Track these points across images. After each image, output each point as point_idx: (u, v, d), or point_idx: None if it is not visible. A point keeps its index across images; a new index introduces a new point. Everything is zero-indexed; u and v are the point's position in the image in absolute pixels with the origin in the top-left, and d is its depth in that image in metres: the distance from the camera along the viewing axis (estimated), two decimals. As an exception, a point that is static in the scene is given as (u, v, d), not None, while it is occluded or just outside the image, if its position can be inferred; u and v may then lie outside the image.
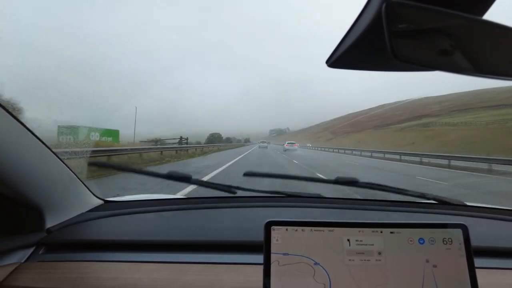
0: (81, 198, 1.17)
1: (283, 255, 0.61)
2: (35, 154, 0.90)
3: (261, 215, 1.22)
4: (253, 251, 0.89)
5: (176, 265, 0.86)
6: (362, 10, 0.42)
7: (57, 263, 0.88)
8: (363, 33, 0.43)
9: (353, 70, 0.55)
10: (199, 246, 0.97)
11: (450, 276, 0.60)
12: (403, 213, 1.27)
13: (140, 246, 0.97)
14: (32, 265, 0.87)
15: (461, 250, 0.62)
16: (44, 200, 0.94)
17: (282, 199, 1.38)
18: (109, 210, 1.22)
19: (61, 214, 1.05)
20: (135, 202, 1.40)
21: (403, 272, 0.61)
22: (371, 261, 0.61)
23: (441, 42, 0.42)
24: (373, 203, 1.33)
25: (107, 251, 0.94)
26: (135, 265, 0.86)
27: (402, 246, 0.62)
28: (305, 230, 0.63)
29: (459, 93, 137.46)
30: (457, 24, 0.41)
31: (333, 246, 0.62)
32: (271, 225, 0.63)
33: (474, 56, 0.43)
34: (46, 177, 0.94)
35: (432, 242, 0.62)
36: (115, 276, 0.82)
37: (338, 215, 1.25)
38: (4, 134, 0.77)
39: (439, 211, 1.26)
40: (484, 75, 0.43)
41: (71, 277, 0.82)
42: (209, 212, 1.28)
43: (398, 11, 0.38)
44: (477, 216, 1.23)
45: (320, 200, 1.36)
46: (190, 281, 0.80)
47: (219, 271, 0.83)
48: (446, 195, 1.30)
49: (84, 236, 1.03)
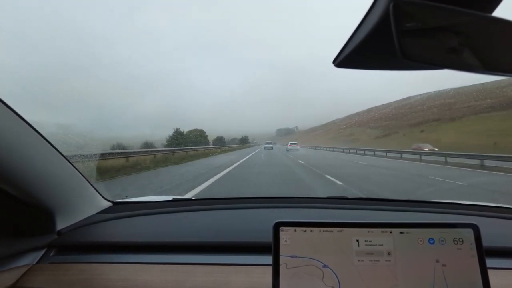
0: (91, 201, 1.19)
1: (291, 258, 0.61)
2: (46, 157, 0.91)
3: (269, 216, 1.22)
4: (261, 252, 0.89)
5: (185, 266, 0.86)
6: (369, 9, 0.42)
7: (68, 264, 0.90)
8: (370, 32, 0.43)
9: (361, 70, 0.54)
10: (208, 247, 0.97)
11: (462, 277, 0.59)
12: (412, 213, 1.26)
13: (149, 248, 0.98)
14: (43, 267, 0.89)
15: (473, 250, 0.61)
16: (55, 202, 0.96)
17: (289, 200, 1.38)
18: (118, 212, 1.23)
19: (71, 217, 1.06)
20: (144, 203, 1.41)
21: (413, 273, 0.60)
22: (380, 261, 0.61)
23: (449, 40, 0.42)
24: (381, 203, 1.32)
25: (117, 253, 0.95)
26: (144, 267, 0.87)
27: (412, 246, 0.61)
28: (314, 230, 0.62)
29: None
30: (466, 22, 0.41)
31: (342, 247, 0.62)
32: (280, 226, 0.63)
33: (484, 53, 0.42)
34: (56, 180, 0.96)
35: (442, 242, 0.61)
36: (124, 277, 0.83)
37: (347, 216, 1.24)
38: (16, 138, 0.78)
39: (449, 211, 1.25)
40: (494, 72, 0.43)
41: (82, 278, 0.84)
42: (218, 213, 1.28)
43: (406, 9, 0.38)
44: (489, 215, 1.21)
45: (328, 201, 1.36)
46: (199, 282, 0.80)
47: (227, 272, 0.84)
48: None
49: (94, 238, 1.04)
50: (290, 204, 1.36)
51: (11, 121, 0.77)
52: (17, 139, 0.78)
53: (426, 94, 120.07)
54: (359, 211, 1.27)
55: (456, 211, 1.24)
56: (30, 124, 0.82)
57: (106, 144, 19.04)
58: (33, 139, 0.85)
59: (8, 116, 0.76)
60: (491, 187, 7.74)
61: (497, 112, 62.75)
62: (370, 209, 1.27)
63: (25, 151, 0.81)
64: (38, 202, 0.90)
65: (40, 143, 0.88)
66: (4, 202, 0.87)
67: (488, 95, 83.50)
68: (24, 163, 0.81)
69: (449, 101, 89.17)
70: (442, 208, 1.27)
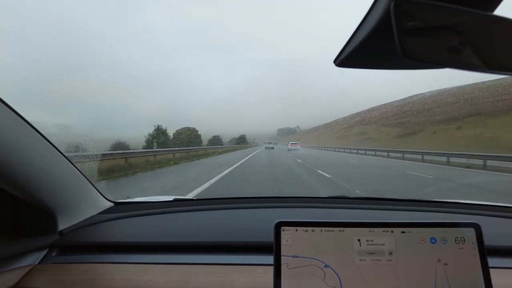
0: (92, 201, 1.19)
1: (293, 258, 0.61)
2: (48, 158, 0.91)
3: (270, 215, 1.22)
4: (263, 252, 0.89)
5: (187, 267, 0.87)
6: (370, 8, 0.42)
7: (70, 265, 0.90)
8: (371, 31, 0.42)
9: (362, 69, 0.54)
10: (210, 247, 0.97)
11: (463, 276, 0.59)
12: (413, 212, 1.26)
13: (151, 248, 0.98)
14: (45, 267, 0.89)
15: (474, 249, 0.61)
16: (56, 203, 0.96)
17: (290, 200, 1.38)
18: (120, 212, 1.23)
19: (73, 217, 1.06)
20: (145, 203, 1.41)
21: (415, 272, 0.60)
22: (382, 261, 0.61)
23: (450, 39, 0.42)
24: (383, 202, 1.32)
25: (119, 253, 0.95)
26: (146, 267, 0.87)
27: (413, 246, 0.61)
28: (315, 230, 0.62)
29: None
30: (467, 21, 0.41)
31: (344, 247, 0.61)
32: (281, 226, 0.62)
33: (485, 52, 0.42)
34: (58, 180, 0.96)
35: (444, 242, 0.61)
36: (127, 277, 0.83)
37: (348, 215, 1.24)
38: (17, 139, 0.78)
39: (450, 210, 1.24)
40: (495, 71, 0.43)
41: (84, 278, 0.84)
42: (219, 213, 1.28)
43: (407, 9, 0.38)
44: (490, 214, 1.20)
45: (329, 200, 1.35)
46: (201, 282, 0.80)
47: (229, 272, 0.84)
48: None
49: (95, 238, 1.05)
50: (291, 204, 1.36)
51: (12, 121, 0.77)
52: (18, 140, 0.79)
53: (454, 87, 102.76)
54: (360, 211, 1.27)
55: (458, 210, 1.24)
56: (31, 124, 0.82)
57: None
58: (35, 140, 0.85)
59: (9, 116, 0.76)
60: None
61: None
62: (371, 209, 1.27)
63: (26, 152, 0.81)
64: (40, 202, 0.90)
65: (42, 143, 0.88)
66: (6, 202, 0.88)
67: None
68: (26, 164, 0.81)
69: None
70: (443, 208, 1.26)
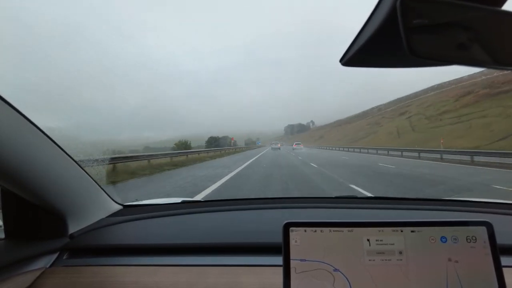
0: (101, 204, 1.20)
1: (301, 261, 0.60)
2: (58, 163, 0.93)
3: (278, 216, 1.22)
4: (272, 253, 0.89)
5: (196, 268, 0.87)
6: (375, 7, 0.42)
7: (81, 267, 0.91)
8: (377, 30, 0.42)
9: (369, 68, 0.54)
10: (219, 248, 0.98)
11: (475, 275, 0.58)
12: (423, 211, 1.24)
13: (160, 250, 0.99)
14: (57, 270, 0.90)
15: (486, 248, 0.60)
16: (67, 206, 0.97)
17: (298, 200, 1.38)
18: (129, 215, 1.25)
19: (83, 220, 1.08)
20: (154, 206, 1.42)
21: (425, 272, 0.59)
22: (392, 261, 0.60)
23: (458, 36, 0.41)
24: (391, 201, 1.31)
25: (128, 255, 0.96)
26: (156, 269, 0.88)
27: (423, 245, 0.60)
28: (324, 231, 0.62)
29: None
30: (476, 17, 0.40)
31: (353, 247, 0.61)
32: (290, 226, 0.62)
33: (494, 47, 0.41)
34: (67, 184, 0.98)
35: (455, 241, 0.60)
36: (136, 279, 0.84)
37: (356, 215, 1.23)
38: (27, 143, 0.80)
39: (461, 208, 1.23)
40: (505, 67, 0.42)
41: (94, 281, 0.85)
42: (227, 214, 1.29)
43: (414, 6, 0.38)
44: (503, 213, 1.18)
45: (337, 200, 1.35)
46: (211, 284, 0.81)
47: (238, 273, 0.84)
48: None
49: (105, 241, 1.06)
50: (299, 204, 1.36)
51: (23, 127, 0.78)
52: (29, 146, 0.80)
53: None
54: (369, 211, 1.26)
55: (468, 209, 1.22)
56: (41, 129, 0.84)
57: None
58: (45, 145, 0.87)
59: (21, 122, 0.77)
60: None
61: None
62: (380, 208, 1.26)
63: (37, 157, 0.83)
64: (51, 206, 0.91)
65: (52, 148, 0.89)
66: (18, 206, 0.89)
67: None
68: (37, 168, 0.83)
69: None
70: (454, 206, 1.25)
